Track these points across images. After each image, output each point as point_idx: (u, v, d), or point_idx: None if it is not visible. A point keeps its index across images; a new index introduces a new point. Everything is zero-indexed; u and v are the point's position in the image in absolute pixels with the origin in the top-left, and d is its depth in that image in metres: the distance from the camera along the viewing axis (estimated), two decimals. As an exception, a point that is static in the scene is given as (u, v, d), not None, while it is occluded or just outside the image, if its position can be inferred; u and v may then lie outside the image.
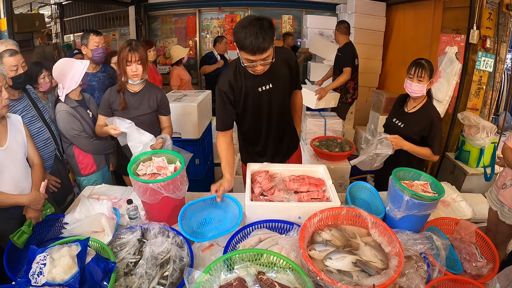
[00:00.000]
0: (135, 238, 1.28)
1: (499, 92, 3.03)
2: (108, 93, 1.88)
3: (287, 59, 1.63)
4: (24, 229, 1.37)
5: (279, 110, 1.67)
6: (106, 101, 1.88)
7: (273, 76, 1.56)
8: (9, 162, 1.45)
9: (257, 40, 1.31)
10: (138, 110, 1.89)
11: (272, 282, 0.97)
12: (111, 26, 5.86)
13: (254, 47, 1.32)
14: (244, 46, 1.33)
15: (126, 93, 1.87)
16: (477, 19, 2.56)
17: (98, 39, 2.33)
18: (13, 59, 1.71)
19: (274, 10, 5.42)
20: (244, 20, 1.36)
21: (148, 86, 1.93)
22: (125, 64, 1.78)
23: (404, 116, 1.94)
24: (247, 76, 1.55)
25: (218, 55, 4.14)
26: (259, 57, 1.36)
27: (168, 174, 1.48)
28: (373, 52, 4.47)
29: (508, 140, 1.82)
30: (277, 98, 1.63)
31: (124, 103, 1.85)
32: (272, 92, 1.60)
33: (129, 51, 1.76)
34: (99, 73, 2.46)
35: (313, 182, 1.57)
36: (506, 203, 1.75)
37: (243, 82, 1.56)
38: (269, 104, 1.63)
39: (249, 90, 1.57)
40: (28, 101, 1.83)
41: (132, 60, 1.76)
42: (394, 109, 2.06)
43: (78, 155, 2.02)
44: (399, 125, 1.94)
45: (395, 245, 1.12)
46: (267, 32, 1.32)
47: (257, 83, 1.57)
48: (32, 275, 1.03)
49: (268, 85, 1.58)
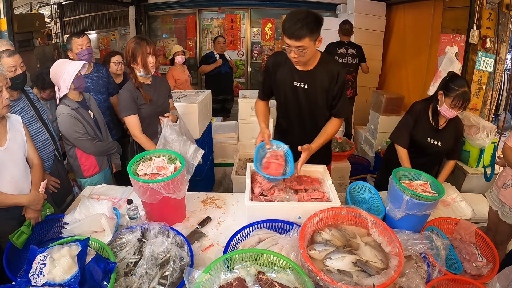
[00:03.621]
0: (135, 238, 1.28)
1: (499, 92, 3.03)
2: (128, 92, 1.85)
3: (332, 71, 1.60)
4: (23, 229, 1.37)
5: (311, 113, 1.71)
6: (129, 99, 1.84)
7: (312, 78, 1.62)
8: (9, 163, 1.45)
9: (295, 26, 1.38)
10: (159, 100, 1.99)
11: (272, 282, 0.97)
12: (111, 26, 5.86)
13: (290, 31, 1.39)
14: (284, 28, 1.42)
15: (144, 87, 1.92)
16: (477, 19, 2.56)
17: (80, 41, 2.29)
18: (11, 59, 1.70)
19: (274, 10, 5.42)
20: (296, 9, 1.45)
21: (154, 77, 2.02)
22: (146, 57, 1.81)
23: (437, 134, 1.91)
24: (290, 67, 1.63)
25: (218, 54, 4.14)
26: (294, 43, 1.42)
27: (168, 174, 1.48)
28: (373, 52, 4.46)
29: (508, 140, 1.82)
30: (310, 100, 1.67)
31: (149, 96, 1.91)
32: (306, 92, 1.65)
33: (147, 44, 1.82)
34: (92, 73, 2.43)
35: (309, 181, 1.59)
36: (507, 202, 1.75)
37: (284, 69, 1.66)
38: (301, 102, 1.68)
39: (286, 79, 1.66)
40: (27, 102, 1.83)
41: (150, 51, 1.83)
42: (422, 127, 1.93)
43: (80, 156, 2.01)
44: (436, 144, 1.92)
45: (395, 245, 1.12)
46: (309, 23, 1.38)
47: (294, 77, 1.64)
48: (32, 275, 1.03)
49: (305, 84, 1.63)
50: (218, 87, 4.11)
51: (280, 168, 1.46)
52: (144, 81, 1.94)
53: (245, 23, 5.50)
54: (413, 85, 3.95)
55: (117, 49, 5.59)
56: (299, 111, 1.72)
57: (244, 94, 3.27)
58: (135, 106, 1.86)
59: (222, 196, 1.80)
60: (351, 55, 3.72)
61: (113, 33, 5.86)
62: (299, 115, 1.73)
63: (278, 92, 1.74)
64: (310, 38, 1.41)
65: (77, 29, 6.05)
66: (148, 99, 1.90)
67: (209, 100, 3.08)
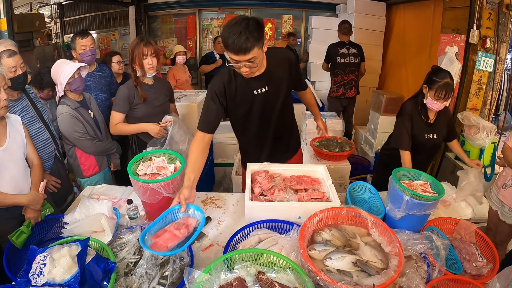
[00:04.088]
0: (135, 238, 1.28)
1: (499, 92, 3.03)
2: (126, 90, 1.92)
3: (285, 59, 1.57)
4: (23, 229, 1.37)
5: (276, 114, 1.62)
6: (125, 97, 1.91)
7: (269, 78, 1.52)
8: (9, 162, 1.45)
9: (239, 39, 1.26)
10: (157, 101, 2.01)
11: (272, 282, 0.97)
12: (111, 26, 5.86)
13: (236, 46, 1.28)
14: (227, 44, 1.30)
15: (143, 86, 1.96)
16: (477, 19, 2.56)
17: (84, 42, 2.27)
18: (11, 60, 1.69)
19: (274, 10, 5.43)
20: (231, 20, 1.32)
21: (157, 79, 2.07)
22: (141, 58, 1.84)
23: (432, 128, 1.96)
24: (242, 79, 1.49)
25: (218, 54, 4.14)
26: (243, 57, 1.31)
27: (168, 174, 1.48)
28: (373, 52, 4.47)
29: (508, 140, 1.82)
30: (273, 101, 1.58)
31: (144, 95, 1.94)
32: (268, 95, 1.55)
33: (144, 45, 1.83)
34: (95, 72, 2.43)
35: (309, 181, 1.59)
36: (507, 202, 1.75)
37: (237, 85, 1.52)
38: (264, 107, 1.58)
39: (243, 93, 1.53)
40: (28, 102, 1.83)
41: (147, 53, 1.84)
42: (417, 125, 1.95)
43: (80, 156, 2.02)
44: (433, 138, 1.96)
45: (395, 245, 1.12)
46: (252, 32, 1.27)
47: (252, 86, 1.52)
48: (32, 275, 1.03)
49: (264, 87, 1.53)
50: (218, 87, 4.12)
51: (173, 240, 1.15)
52: (145, 81, 1.96)
53: (245, 23, 5.49)
54: (413, 85, 3.95)
55: (117, 49, 5.60)
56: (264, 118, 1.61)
57: (244, 94, 3.26)
58: (126, 105, 1.93)
59: (222, 196, 1.80)
60: (353, 55, 3.73)
61: (113, 33, 5.86)
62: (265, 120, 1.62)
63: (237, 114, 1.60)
64: (258, 46, 1.32)
65: (77, 29, 6.04)
66: (143, 98, 1.93)
67: (209, 100, 3.08)
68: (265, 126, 1.65)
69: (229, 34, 1.28)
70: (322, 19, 4.87)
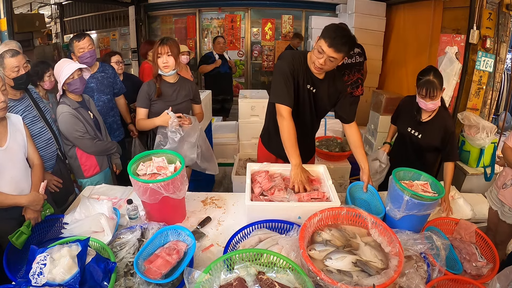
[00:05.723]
0: (135, 238, 1.28)
1: (499, 92, 3.02)
2: (146, 86, 2.03)
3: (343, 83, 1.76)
4: (23, 230, 1.37)
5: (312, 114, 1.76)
6: (145, 93, 2.02)
7: (320, 85, 1.68)
8: (9, 163, 1.45)
9: (341, 39, 1.44)
10: (176, 99, 2.08)
11: (272, 282, 0.97)
12: (111, 26, 5.86)
13: (334, 41, 1.44)
14: (329, 36, 1.45)
15: (164, 84, 2.05)
16: (477, 19, 2.55)
17: (81, 44, 2.22)
18: (14, 60, 1.70)
19: (274, 10, 5.43)
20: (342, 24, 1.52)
21: (182, 78, 2.16)
22: (156, 57, 1.96)
23: (420, 126, 1.92)
24: (305, 70, 1.64)
25: (217, 54, 4.14)
26: (332, 53, 1.46)
27: (168, 174, 1.47)
28: (373, 52, 4.46)
29: (508, 140, 1.82)
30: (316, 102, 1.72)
31: (159, 91, 2.01)
32: (313, 96, 1.70)
33: (159, 45, 1.94)
34: (97, 73, 2.39)
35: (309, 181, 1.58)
36: (507, 202, 1.75)
37: (304, 72, 1.65)
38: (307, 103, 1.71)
39: (300, 82, 1.65)
40: (30, 101, 1.83)
41: (162, 52, 1.94)
42: (406, 116, 2.00)
43: (80, 156, 2.01)
44: (416, 135, 1.93)
45: (395, 245, 1.12)
46: (350, 44, 1.49)
47: (307, 80, 1.66)
48: (32, 275, 1.03)
49: (314, 88, 1.67)
50: (218, 87, 4.11)
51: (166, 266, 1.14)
52: (166, 79, 2.05)
53: (245, 23, 5.50)
54: (413, 85, 3.90)
55: (117, 49, 5.59)
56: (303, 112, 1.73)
57: (244, 94, 3.27)
58: (146, 101, 2.03)
59: (222, 196, 1.80)
60: (357, 54, 3.75)
61: (113, 33, 5.86)
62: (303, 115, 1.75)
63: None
64: (344, 55, 1.50)
65: (77, 29, 6.05)
66: (158, 94, 2.01)
67: (209, 100, 3.08)
68: (303, 119, 1.75)
69: (336, 30, 1.46)
70: (322, 19, 4.87)
